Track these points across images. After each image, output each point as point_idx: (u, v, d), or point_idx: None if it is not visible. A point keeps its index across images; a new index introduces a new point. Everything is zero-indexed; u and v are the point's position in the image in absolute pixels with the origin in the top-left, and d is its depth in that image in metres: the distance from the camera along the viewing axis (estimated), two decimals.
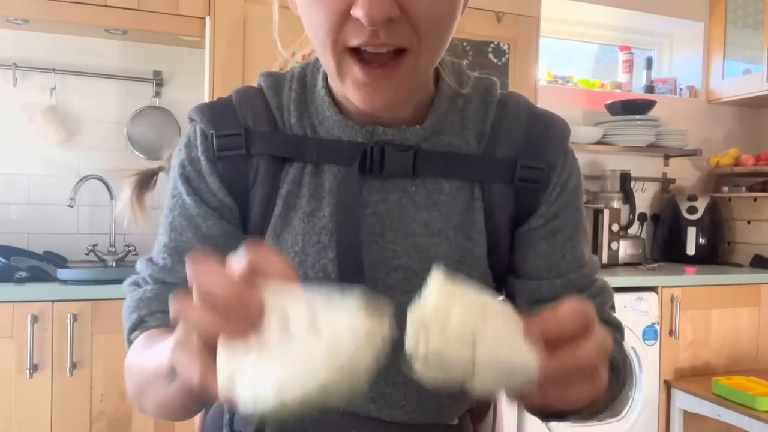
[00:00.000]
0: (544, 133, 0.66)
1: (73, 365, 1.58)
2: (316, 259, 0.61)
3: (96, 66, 2.15)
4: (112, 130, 2.17)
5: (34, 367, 1.55)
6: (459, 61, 0.68)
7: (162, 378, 0.50)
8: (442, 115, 0.64)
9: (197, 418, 0.85)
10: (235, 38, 1.93)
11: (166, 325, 0.61)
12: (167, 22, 1.94)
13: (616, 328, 0.67)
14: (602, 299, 0.67)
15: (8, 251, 1.84)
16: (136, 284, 0.65)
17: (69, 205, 1.92)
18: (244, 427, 0.66)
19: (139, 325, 0.62)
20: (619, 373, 0.60)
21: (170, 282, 0.63)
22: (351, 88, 0.55)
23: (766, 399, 1.87)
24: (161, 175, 1.20)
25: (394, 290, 0.62)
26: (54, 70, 2.08)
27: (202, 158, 0.64)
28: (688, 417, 2.17)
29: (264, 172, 0.64)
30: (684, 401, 2.15)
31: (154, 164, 0.95)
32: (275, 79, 0.67)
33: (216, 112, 0.66)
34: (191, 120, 0.67)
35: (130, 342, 0.62)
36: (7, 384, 1.54)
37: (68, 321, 1.55)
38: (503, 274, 0.68)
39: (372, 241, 0.62)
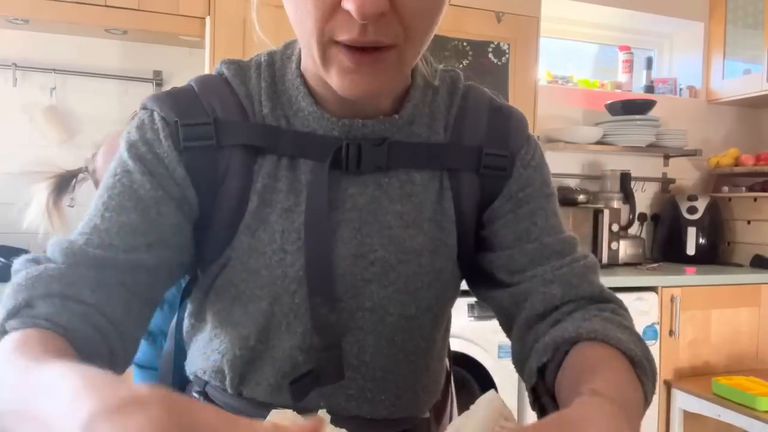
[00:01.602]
0: (506, 124, 0.67)
1: None
2: (296, 258, 0.60)
3: (96, 66, 2.15)
4: (113, 130, 2.17)
5: None
6: (427, 52, 0.66)
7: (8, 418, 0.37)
8: (415, 106, 0.64)
9: None
10: (235, 38, 1.92)
11: (59, 323, 0.47)
12: (167, 22, 1.94)
13: (619, 306, 0.63)
14: (595, 272, 0.65)
15: (9, 252, 1.84)
16: (35, 261, 0.53)
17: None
18: None
19: (21, 311, 0.48)
20: (645, 369, 0.53)
21: (85, 265, 0.53)
22: (335, 74, 0.54)
23: (766, 399, 1.87)
24: (81, 177, 1.18)
25: (372, 284, 0.62)
26: (54, 70, 2.08)
27: (165, 144, 0.58)
28: (688, 417, 2.17)
29: (237, 164, 0.60)
30: (684, 401, 2.15)
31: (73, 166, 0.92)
32: (240, 68, 0.64)
33: (178, 100, 0.61)
34: (145, 108, 0.61)
35: (2, 332, 0.47)
36: None
37: None
38: (470, 263, 0.68)
39: (351, 237, 0.62)
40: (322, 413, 0.47)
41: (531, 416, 1.99)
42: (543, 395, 0.57)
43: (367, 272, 0.62)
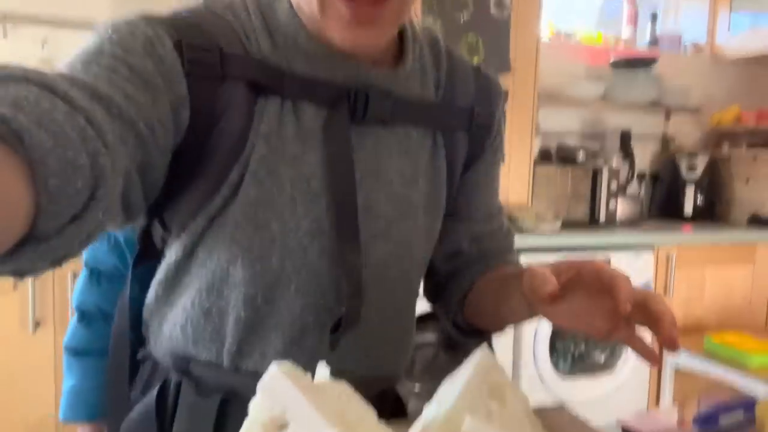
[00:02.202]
0: (488, 84, 0.70)
1: None
2: (307, 209, 0.58)
3: (88, 17, 2.09)
4: None
5: (36, 324, 1.57)
6: None
7: None
8: (411, 61, 0.64)
9: None
10: None
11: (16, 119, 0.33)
12: None
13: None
14: (512, 240, 0.76)
15: None
16: None
17: None
18: (189, 428, 0.60)
19: None
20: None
21: (77, 87, 0.42)
22: (335, 26, 0.52)
23: (757, 356, 1.91)
24: None
25: (377, 240, 0.62)
26: (45, 22, 2.03)
27: (168, 48, 0.51)
28: (679, 374, 2.23)
29: (239, 102, 0.55)
30: (676, 357, 2.19)
31: None
32: (226, 4, 0.58)
33: (177, 22, 0.54)
34: (128, 23, 0.52)
35: None
36: (10, 339, 1.56)
37: (68, 278, 1.56)
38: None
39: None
40: (322, 367, 0.47)
41: (526, 370, 2.03)
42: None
43: (372, 227, 0.62)
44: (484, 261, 0.72)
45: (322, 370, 0.49)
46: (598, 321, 0.51)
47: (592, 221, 2.47)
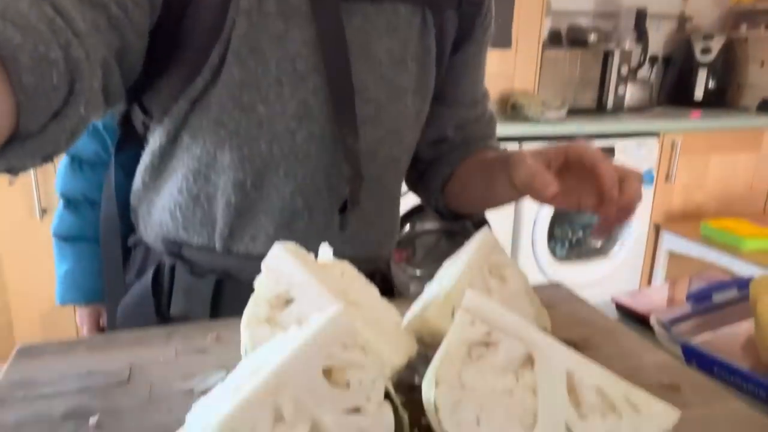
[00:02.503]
0: None
1: None
2: (294, 91, 0.57)
3: None
4: None
5: (44, 211, 1.59)
6: None
7: None
8: None
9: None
10: None
11: None
12: None
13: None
14: (494, 127, 0.76)
15: None
16: None
17: None
18: (186, 307, 0.62)
19: None
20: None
21: None
22: None
23: (751, 240, 1.95)
24: None
25: (366, 125, 0.61)
26: None
27: None
28: (674, 258, 2.29)
29: None
30: (671, 243, 2.24)
31: None
32: None
33: None
34: None
35: None
36: (20, 228, 1.59)
37: None
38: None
39: None
40: (324, 248, 0.49)
41: (524, 256, 2.09)
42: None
43: (363, 112, 0.60)
44: (465, 147, 0.72)
45: (325, 250, 0.49)
46: (586, 198, 0.54)
47: (599, 108, 2.41)
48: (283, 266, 0.44)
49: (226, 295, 0.61)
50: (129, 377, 0.47)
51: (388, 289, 0.73)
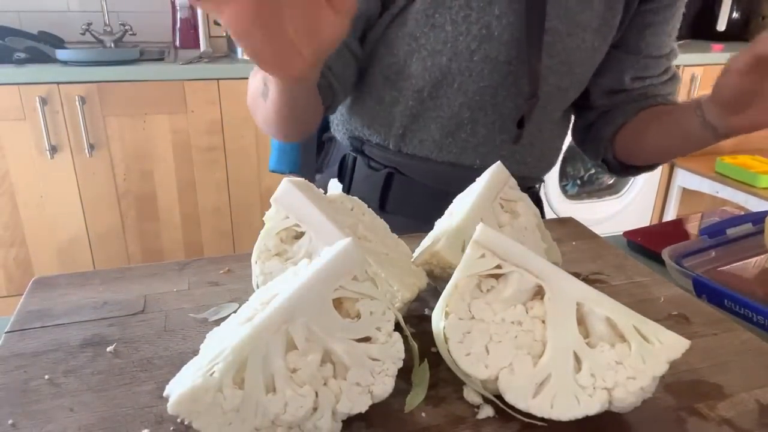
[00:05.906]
0: None
1: (91, 147, 1.61)
2: (479, 15, 0.62)
3: None
4: None
5: (53, 149, 1.59)
6: None
7: (261, 95, 0.55)
8: None
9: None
10: None
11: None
12: None
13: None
14: (675, 87, 0.75)
15: (2, 32, 1.76)
16: None
17: None
18: (362, 192, 0.72)
19: None
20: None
21: None
22: None
23: (766, 176, 1.92)
24: None
25: (540, 53, 0.65)
26: None
27: None
28: (686, 194, 2.26)
29: None
30: (685, 179, 2.21)
31: None
32: None
33: None
34: None
35: None
36: (30, 164, 1.59)
37: (77, 103, 1.54)
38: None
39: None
40: (335, 183, 0.49)
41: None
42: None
43: (537, 39, 0.64)
44: (642, 100, 0.72)
45: (335, 185, 0.49)
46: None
47: None
48: (292, 201, 0.44)
49: (394, 185, 0.73)
50: (144, 308, 0.48)
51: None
